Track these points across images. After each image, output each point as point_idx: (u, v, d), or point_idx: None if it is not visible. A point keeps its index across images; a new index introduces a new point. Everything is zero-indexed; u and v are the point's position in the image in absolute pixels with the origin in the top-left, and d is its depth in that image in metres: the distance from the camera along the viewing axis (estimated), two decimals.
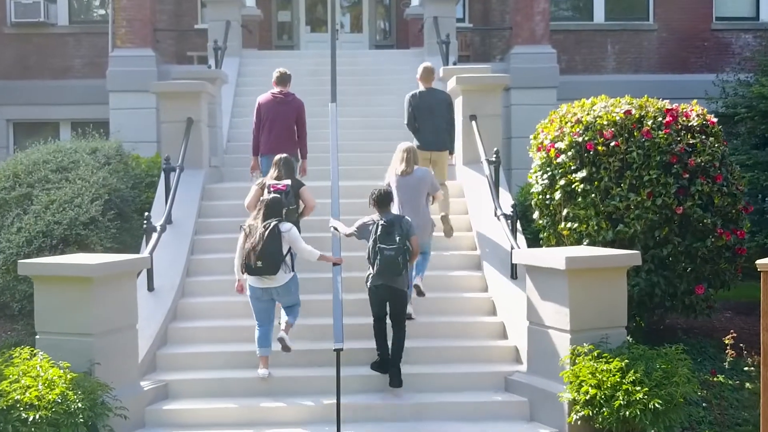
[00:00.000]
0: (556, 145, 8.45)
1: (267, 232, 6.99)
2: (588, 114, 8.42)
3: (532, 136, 9.00)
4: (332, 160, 9.21)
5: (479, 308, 8.54)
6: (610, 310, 6.93)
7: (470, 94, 10.29)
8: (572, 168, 8.31)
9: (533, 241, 9.61)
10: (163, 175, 9.59)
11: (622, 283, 7.05)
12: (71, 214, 9.41)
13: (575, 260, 6.82)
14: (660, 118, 8.24)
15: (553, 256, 6.94)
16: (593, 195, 8.15)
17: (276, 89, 9.32)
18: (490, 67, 11.35)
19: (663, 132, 8.10)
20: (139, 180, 11.11)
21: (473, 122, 10.14)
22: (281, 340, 7.26)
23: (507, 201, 9.46)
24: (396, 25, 17.87)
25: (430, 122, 9.15)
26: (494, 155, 9.40)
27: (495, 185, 9.22)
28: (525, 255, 7.42)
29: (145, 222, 8.52)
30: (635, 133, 8.15)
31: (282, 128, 9.15)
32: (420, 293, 8.22)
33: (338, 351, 6.82)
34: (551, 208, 8.59)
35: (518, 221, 8.69)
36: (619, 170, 8.13)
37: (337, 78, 11.43)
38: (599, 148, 8.16)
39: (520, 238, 8.81)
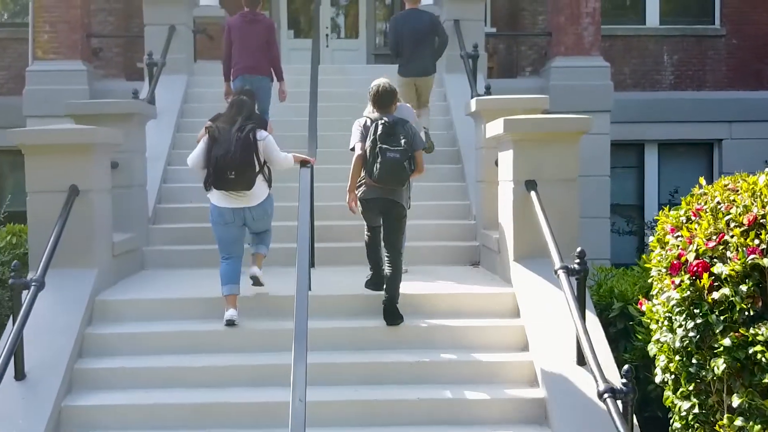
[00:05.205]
0: (715, 269, 4.24)
1: (243, 137, 5.67)
2: None
3: (654, 238, 4.78)
4: (299, 270, 5.02)
5: None
6: None
7: (527, 146, 5.98)
8: (749, 314, 4.13)
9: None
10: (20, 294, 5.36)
11: None
12: None
13: None
14: None
15: None
16: None
17: (245, 10, 8.26)
18: (548, 98, 7.10)
19: None
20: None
21: (532, 193, 5.91)
22: (254, 277, 6.00)
23: (600, 340, 5.28)
24: None
25: (414, 48, 8.31)
26: (577, 259, 5.17)
27: (581, 313, 4.97)
28: None
29: None
30: None
31: (255, 47, 8.15)
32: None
33: None
34: (704, 383, 4.38)
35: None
36: None
37: (322, 102, 8.40)
38: None
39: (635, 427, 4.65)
